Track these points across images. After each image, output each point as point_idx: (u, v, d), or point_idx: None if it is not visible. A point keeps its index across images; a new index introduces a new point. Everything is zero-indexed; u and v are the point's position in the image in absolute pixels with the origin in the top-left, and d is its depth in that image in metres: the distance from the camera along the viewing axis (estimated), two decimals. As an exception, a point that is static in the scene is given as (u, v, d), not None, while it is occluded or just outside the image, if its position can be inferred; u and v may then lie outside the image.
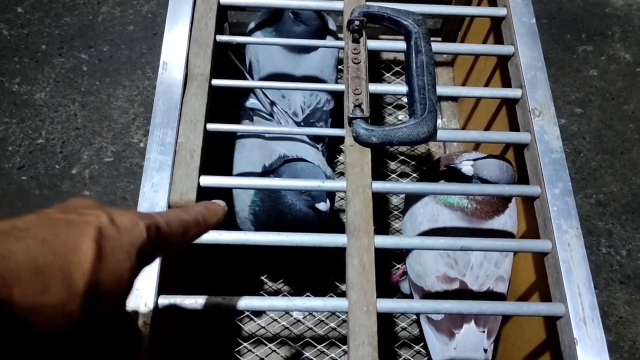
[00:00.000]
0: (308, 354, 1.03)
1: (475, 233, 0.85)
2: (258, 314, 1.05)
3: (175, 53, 0.72)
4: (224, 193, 0.91)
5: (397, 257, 1.11)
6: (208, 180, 0.64)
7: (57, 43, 1.47)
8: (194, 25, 0.75)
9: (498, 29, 0.85)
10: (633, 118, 1.42)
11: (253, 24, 1.04)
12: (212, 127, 0.69)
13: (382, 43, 0.79)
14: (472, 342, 0.84)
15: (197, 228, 0.39)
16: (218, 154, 0.91)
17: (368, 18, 0.75)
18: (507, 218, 0.87)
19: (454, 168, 0.85)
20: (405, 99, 0.73)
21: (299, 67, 0.99)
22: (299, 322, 1.06)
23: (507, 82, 0.80)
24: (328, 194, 0.83)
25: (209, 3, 0.76)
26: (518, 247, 0.69)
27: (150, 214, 0.35)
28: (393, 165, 1.23)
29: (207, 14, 0.76)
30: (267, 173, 0.86)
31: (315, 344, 1.04)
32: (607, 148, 1.37)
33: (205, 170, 0.66)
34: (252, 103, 1.00)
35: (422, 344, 1.02)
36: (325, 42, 0.95)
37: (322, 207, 0.81)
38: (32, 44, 1.46)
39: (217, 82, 0.72)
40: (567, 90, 1.46)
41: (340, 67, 1.07)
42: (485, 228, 0.86)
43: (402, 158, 1.24)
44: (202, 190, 0.64)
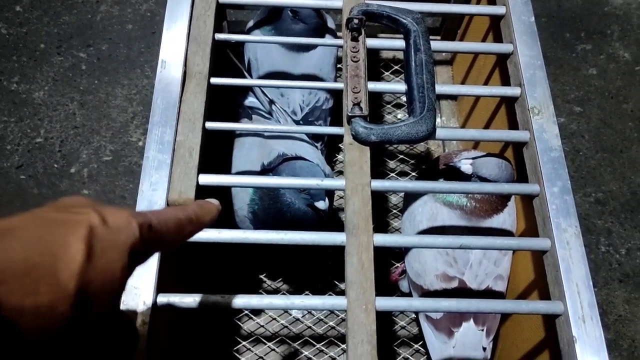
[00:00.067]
0: (307, 353, 1.03)
1: (475, 231, 0.85)
2: (257, 313, 1.05)
3: (174, 51, 0.72)
4: (223, 191, 0.91)
5: (396, 255, 1.11)
6: (207, 179, 0.64)
7: (55, 42, 1.46)
8: (193, 24, 0.75)
9: (497, 28, 0.85)
10: (632, 117, 1.42)
11: (252, 23, 1.04)
12: (210, 125, 0.68)
13: (381, 41, 0.79)
14: (471, 340, 0.84)
15: (190, 226, 0.39)
16: (217, 153, 0.91)
17: (367, 16, 0.75)
18: (506, 216, 0.87)
19: (453, 167, 0.85)
20: (404, 98, 0.73)
21: (298, 65, 0.99)
22: (298, 320, 1.06)
23: (506, 80, 0.80)
24: (327, 193, 0.83)
25: (208, 1, 0.76)
26: (517, 245, 0.69)
27: (144, 213, 0.35)
28: (392, 164, 1.23)
29: (205, 13, 0.76)
30: (266, 171, 0.86)
31: (314, 343, 1.03)
32: (606, 147, 1.37)
33: (204, 169, 0.65)
34: (251, 102, 1.00)
35: (421, 343, 1.02)
36: (324, 40, 0.95)
37: (321, 205, 0.81)
38: (30, 43, 1.46)
39: (215, 80, 0.72)
40: (566, 89, 1.46)
41: (339, 65, 1.07)
42: (485, 226, 0.86)
43: (401, 157, 1.24)
44: (200, 189, 0.64)
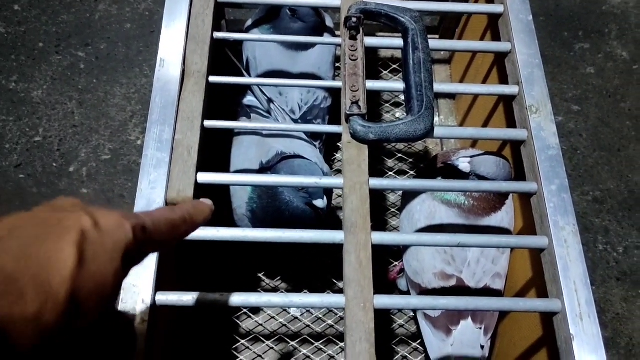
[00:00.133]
0: (305, 351, 1.03)
1: (473, 230, 0.85)
2: (256, 312, 1.06)
3: (173, 50, 0.72)
4: (222, 190, 0.91)
5: (394, 254, 1.11)
6: (205, 177, 0.64)
7: (54, 41, 1.46)
8: (191, 23, 0.75)
9: (495, 27, 0.85)
10: (630, 115, 1.42)
11: (250, 21, 1.04)
12: (209, 124, 0.69)
13: (379, 40, 0.79)
14: (469, 338, 0.84)
15: (184, 226, 0.39)
16: (216, 152, 0.91)
17: (365, 15, 0.75)
18: (504, 215, 0.87)
19: (451, 165, 0.85)
20: (403, 96, 0.74)
21: (297, 64, 0.99)
22: (297, 319, 1.06)
23: (504, 79, 0.80)
24: (325, 191, 0.83)
25: (206, 0, 0.76)
26: (515, 243, 0.69)
27: (137, 214, 0.35)
28: (391, 163, 1.23)
29: (204, 11, 0.76)
30: (264, 170, 0.86)
31: (313, 341, 1.04)
32: (604, 145, 1.37)
33: (203, 168, 0.65)
34: (249, 100, 1.00)
35: (419, 341, 1.02)
36: (323, 39, 0.95)
37: (319, 204, 0.81)
38: (29, 42, 1.46)
39: (214, 79, 0.72)
40: (564, 88, 1.46)
41: (338, 64, 1.07)
42: (482, 225, 0.86)
43: (399, 156, 1.24)
44: (199, 187, 0.64)
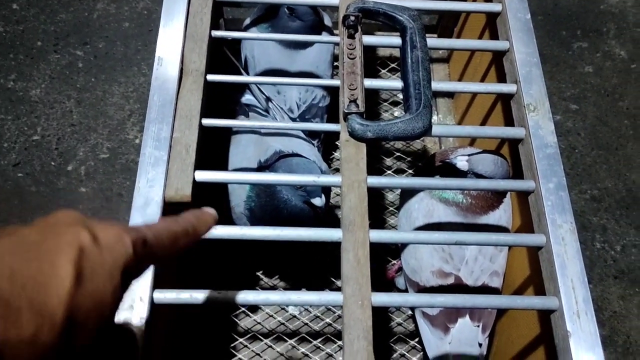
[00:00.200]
0: (304, 350, 1.03)
1: (470, 228, 0.86)
2: (254, 310, 1.06)
3: (171, 49, 0.72)
4: (220, 189, 0.91)
5: (393, 253, 1.11)
6: (203, 175, 0.64)
7: (52, 40, 1.46)
8: (189, 21, 0.75)
9: (493, 26, 0.85)
10: (628, 114, 1.42)
11: (248, 20, 1.04)
12: (207, 122, 0.69)
13: (377, 38, 0.79)
14: (466, 336, 0.85)
15: (186, 238, 0.38)
16: (214, 150, 0.92)
17: (363, 14, 0.75)
18: (501, 213, 0.87)
19: (449, 163, 0.86)
20: (401, 95, 0.74)
21: (295, 63, 0.99)
22: (295, 317, 1.06)
23: (502, 78, 0.80)
24: (323, 190, 0.84)
25: (204, -2, 0.76)
26: (512, 241, 0.69)
27: (137, 227, 0.34)
28: (389, 162, 1.23)
29: (202, 10, 0.76)
30: (262, 168, 0.86)
31: (311, 340, 1.04)
32: (602, 144, 1.38)
33: (202, 166, 0.65)
34: (247, 99, 1.00)
35: (417, 339, 1.02)
36: (321, 37, 0.95)
37: (317, 202, 0.81)
38: (27, 41, 1.46)
39: (212, 77, 0.72)
40: (562, 87, 1.46)
41: (336, 63, 1.07)
42: (480, 223, 0.86)
43: (398, 154, 1.24)
44: (197, 185, 0.64)
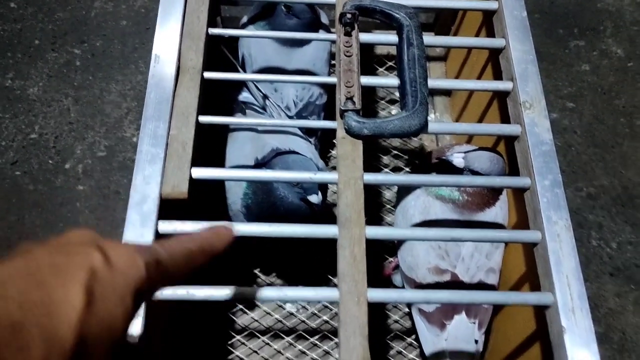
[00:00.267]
0: (301, 347, 1.03)
1: (467, 225, 0.86)
2: (251, 307, 1.06)
3: (168, 46, 0.72)
4: (217, 186, 0.92)
5: (390, 250, 1.11)
6: (200, 173, 0.65)
7: (50, 38, 1.46)
8: (186, 19, 0.75)
9: (490, 24, 0.85)
10: (624, 112, 1.43)
11: (246, 18, 1.04)
12: (204, 119, 0.69)
13: (374, 36, 0.79)
14: (463, 333, 0.85)
15: (202, 257, 0.36)
16: (211, 148, 0.92)
17: (360, 11, 0.75)
18: (498, 210, 0.87)
19: (446, 160, 0.86)
20: (398, 94, 0.74)
21: (292, 60, 0.99)
22: (292, 315, 1.06)
23: (498, 76, 0.81)
24: (320, 187, 0.84)
25: (201, -4, 0.77)
26: (508, 237, 0.70)
27: (152, 247, 0.33)
28: (386, 160, 1.24)
29: (199, 7, 0.76)
30: (259, 166, 0.86)
31: (308, 337, 1.04)
32: (598, 142, 1.38)
33: (199, 164, 0.66)
34: (245, 97, 1.01)
35: (414, 337, 1.03)
36: (318, 35, 0.96)
37: (314, 199, 0.81)
38: (25, 39, 1.46)
39: (209, 74, 0.72)
40: (559, 85, 1.46)
41: (333, 61, 1.07)
42: (477, 220, 0.87)
43: (395, 152, 1.24)
44: (194, 183, 0.65)
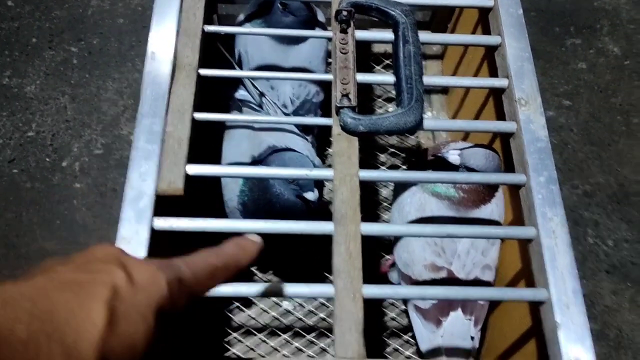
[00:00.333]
0: (297, 344, 1.03)
1: (463, 222, 0.86)
2: (248, 305, 1.06)
3: (163, 43, 0.72)
4: (213, 183, 0.92)
5: (386, 247, 1.11)
6: (195, 169, 0.65)
7: (47, 36, 1.46)
8: (183, 16, 0.75)
9: (486, 22, 0.85)
10: (621, 110, 1.43)
11: (242, 16, 1.04)
12: (199, 116, 0.69)
13: (369, 33, 0.79)
14: (459, 330, 0.85)
15: (226, 273, 0.36)
16: (208, 146, 0.92)
17: (356, 8, 0.75)
18: (494, 207, 0.87)
19: (441, 157, 0.86)
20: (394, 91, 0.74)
21: (288, 58, 0.99)
22: (289, 312, 1.07)
23: (494, 74, 0.81)
24: (317, 184, 0.84)
25: (197, -7, 0.77)
26: (503, 234, 0.70)
27: (174, 264, 0.33)
28: (383, 158, 1.24)
29: (195, 5, 0.76)
30: (255, 163, 0.87)
31: (305, 334, 1.04)
32: (594, 140, 1.38)
33: (196, 162, 0.66)
34: (241, 95, 1.01)
35: (410, 334, 1.03)
36: (313, 32, 0.96)
37: (310, 196, 0.81)
38: (22, 37, 1.46)
39: (205, 71, 0.72)
40: (555, 83, 1.47)
41: (330, 60, 1.07)
42: (473, 217, 0.87)
43: (392, 150, 1.24)
44: (191, 180, 0.65)
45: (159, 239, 0.61)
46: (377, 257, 1.11)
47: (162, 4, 0.75)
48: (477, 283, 0.86)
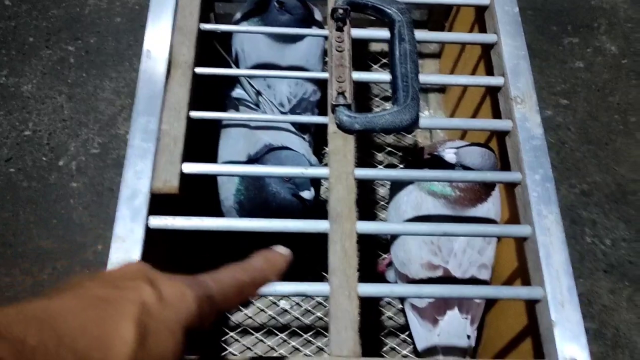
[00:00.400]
0: (294, 343, 1.03)
1: (459, 220, 0.86)
2: (244, 304, 1.06)
3: (159, 41, 0.72)
4: (210, 183, 0.92)
5: (383, 246, 1.11)
6: (191, 168, 0.65)
7: (44, 35, 1.46)
8: (178, 14, 0.75)
9: (482, 21, 0.85)
10: (618, 109, 1.43)
11: (239, 14, 1.04)
12: (195, 114, 0.69)
13: (366, 32, 0.79)
14: (455, 328, 0.85)
15: (253, 289, 0.35)
16: (204, 145, 0.92)
17: (352, 6, 0.75)
18: (490, 206, 0.87)
19: (437, 156, 0.86)
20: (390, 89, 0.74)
21: (285, 57, 0.99)
22: (286, 311, 1.07)
23: (491, 73, 0.81)
24: (313, 183, 0.84)
25: (193, -9, 0.76)
26: (499, 232, 0.70)
27: (202, 281, 0.32)
28: (380, 157, 1.24)
29: (191, 3, 0.76)
30: (251, 162, 0.86)
31: (302, 333, 1.04)
32: (591, 139, 1.38)
33: (192, 161, 0.65)
34: (238, 93, 1.01)
35: (407, 333, 1.03)
36: (310, 30, 0.96)
37: (306, 195, 0.81)
38: (19, 36, 1.45)
39: (200, 70, 0.72)
40: (552, 82, 1.47)
41: (327, 59, 1.07)
42: (469, 215, 0.87)
43: (389, 149, 1.24)
44: (187, 179, 0.64)
45: (155, 238, 0.61)
46: (374, 256, 1.11)
47: (158, 2, 0.75)
48: (473, 282, 0.86)
